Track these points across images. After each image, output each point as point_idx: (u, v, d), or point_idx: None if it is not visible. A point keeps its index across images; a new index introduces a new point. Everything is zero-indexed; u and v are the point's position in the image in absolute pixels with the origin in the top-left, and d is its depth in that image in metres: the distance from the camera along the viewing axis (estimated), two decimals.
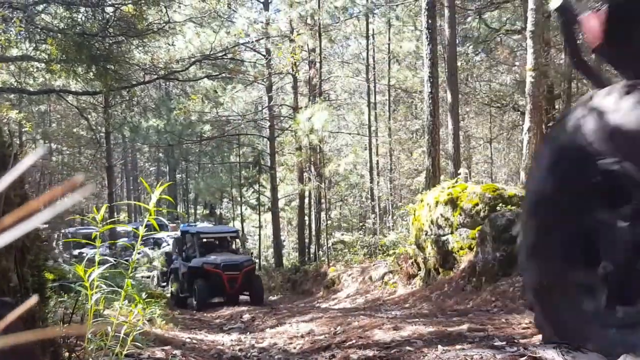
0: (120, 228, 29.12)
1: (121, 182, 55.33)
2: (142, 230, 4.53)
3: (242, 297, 21.30)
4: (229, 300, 20.58)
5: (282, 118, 37.21)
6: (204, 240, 22.97)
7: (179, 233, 24.40)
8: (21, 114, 24.52)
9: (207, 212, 51.34)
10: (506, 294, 9.98)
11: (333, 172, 34.49)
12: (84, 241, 5.02)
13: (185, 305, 20.96)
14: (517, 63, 33.85)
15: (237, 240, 25.18)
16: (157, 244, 29.04)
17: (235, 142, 40.44)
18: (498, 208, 12.78)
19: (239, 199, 42.23)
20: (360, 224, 40.27)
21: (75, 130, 41.52)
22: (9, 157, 3.75)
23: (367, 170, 37.66)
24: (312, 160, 30.25)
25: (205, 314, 16.56)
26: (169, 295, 22.35)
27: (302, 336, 8.19)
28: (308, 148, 29.20)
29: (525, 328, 6.19)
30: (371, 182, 35.34)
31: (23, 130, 30.32)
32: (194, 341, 8.39)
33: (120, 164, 50.15)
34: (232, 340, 8.91)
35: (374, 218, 33.57)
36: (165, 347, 6.91)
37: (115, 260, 5.02)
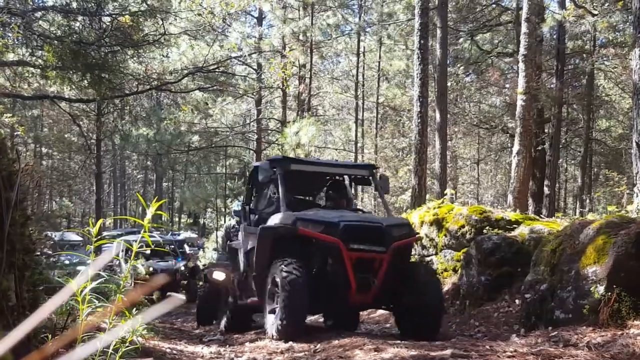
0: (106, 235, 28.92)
1: (109, 188, 55.30)
2: (136, 246, 4.60)
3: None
4: (348, 319, 11.39)
5: (269, 131, 37.34)
6: (300, 180, 11.57)
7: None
8: (14, 117, 24.55)
9: (191, 221, 51.32)
10: (490, 319, 10.01)
11: None
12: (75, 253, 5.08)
13: (234, 327, 11.45)
14: (507, 85, 34.14)
15: (373, 184, 11.87)
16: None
17: (222, 154, 40.60)
18: (485, 231, 12.68)
19: (223, 209, 42.22)
20: None
21: (66, 135, 41.72)
22: (15, 176, 3.77)
23: None
24: None
25: (185, 324, 15.56)
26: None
27: (281, 352, 8.16)
28: None
29: (510, 356, 6.26)
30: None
31: (15, 133, 30.31)
32: (174, 352, 8.34)
33: (109, 170, 50.15)
34: (211, 352, 8.89)
35: None
36: (148, 359, 6.96)
37: (108, 275, 5.05)
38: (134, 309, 4.43)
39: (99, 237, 4.04)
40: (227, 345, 9.48)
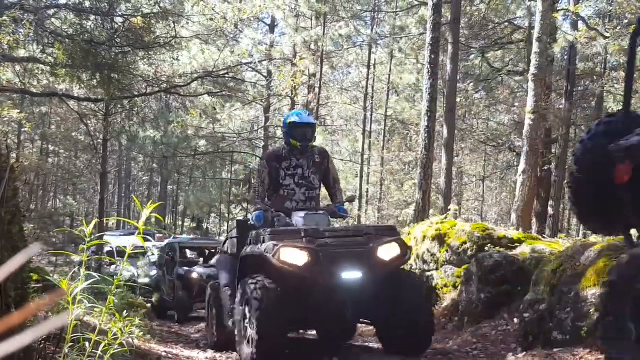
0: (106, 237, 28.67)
1: (114, 188, 55.35)
2: (129, 248, 4.59)
3: None
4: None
5: (276, 139, 37.35)
6: None
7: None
8: (22, 114, 24.57)
9: (195, 225, 51.22)
10: (488, 337, 9.95)
11: (322, 196, 34.37)
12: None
13: None
14: (516, 104, 34.04)
15: None
16: (142, 254, 28.68)
17: (228, 159, 40.62)
18: (486, 248, 12.55)
19: (227, 215, 42.21)
20: None
21: (73, 134, 41.76)
22: (4, 172, 3.72)
23: (356, 197, 37.65)
24: None
25: (183, 328, 15.39)
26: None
27: None
28: None
29: None
30: (359, 210, 35.30)
31: (22, 130, 30.34)
32: (170, 356, 8.31)
33: (114, 171, 50.18)
34: (207, 357, 8.89)
35: None
36: None
37: (99, 276, 5.01)
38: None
39: (96, 237, 4.03)
40: (224, 351, 9.47)
